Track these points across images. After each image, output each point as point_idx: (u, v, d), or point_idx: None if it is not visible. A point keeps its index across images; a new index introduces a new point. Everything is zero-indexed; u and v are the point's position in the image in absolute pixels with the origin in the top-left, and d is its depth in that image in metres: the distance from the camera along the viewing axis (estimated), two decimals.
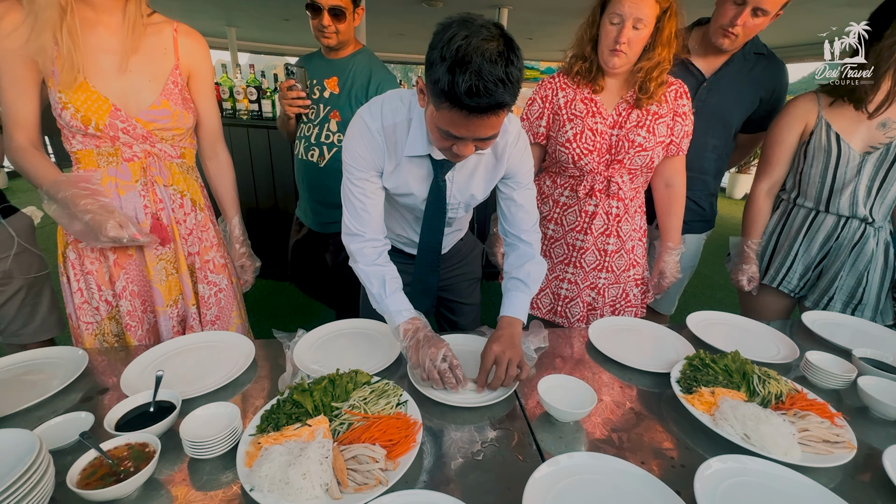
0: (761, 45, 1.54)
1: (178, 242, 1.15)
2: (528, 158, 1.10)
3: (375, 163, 1.00)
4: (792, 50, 7.26)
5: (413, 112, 0.98)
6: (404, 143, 0.98)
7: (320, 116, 1.65)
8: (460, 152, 0.87)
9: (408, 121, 0.98)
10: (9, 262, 1.25)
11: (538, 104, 1.39)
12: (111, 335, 1.16)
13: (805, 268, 1.46)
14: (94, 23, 0.99)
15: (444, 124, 0.82)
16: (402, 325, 0.97)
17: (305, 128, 1.69)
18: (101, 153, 1.05)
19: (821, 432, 0.80)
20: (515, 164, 1.07)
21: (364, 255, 1.04)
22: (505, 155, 1.05)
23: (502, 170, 1.07)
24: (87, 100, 0.99)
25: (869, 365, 1.02)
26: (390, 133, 0.98)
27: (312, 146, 1.68)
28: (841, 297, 1.42)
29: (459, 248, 1.36)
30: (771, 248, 1.52)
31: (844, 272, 1.39)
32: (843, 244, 1.39)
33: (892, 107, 1.27)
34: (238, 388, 0.94)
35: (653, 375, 1.02)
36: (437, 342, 0.93)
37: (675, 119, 1.31)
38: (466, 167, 1.05)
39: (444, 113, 0.80)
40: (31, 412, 0.83)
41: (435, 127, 0.85)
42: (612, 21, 1.18)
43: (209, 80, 1.19)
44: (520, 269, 1.11)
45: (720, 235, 5.67)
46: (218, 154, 1.28)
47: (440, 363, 0.90)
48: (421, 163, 1.01)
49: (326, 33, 1.53)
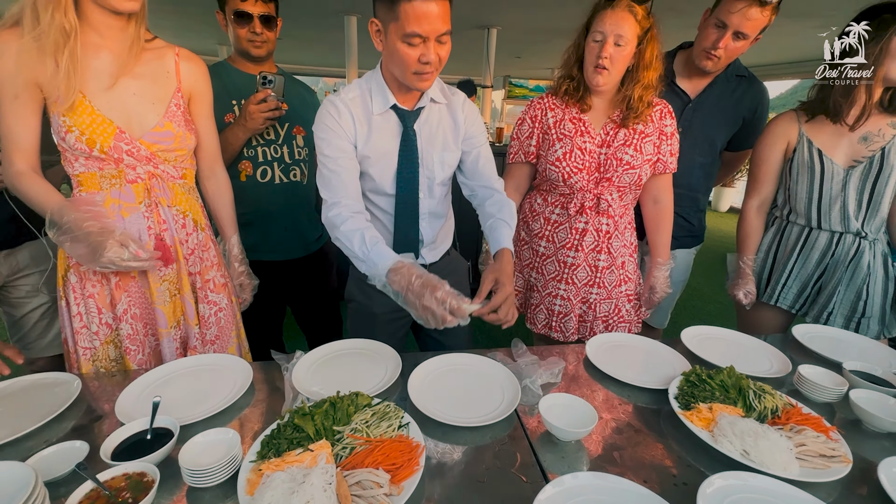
0: (742, 68, 1.60)
1: (182, 262, 1.15)
2: (480, 119, 1.25)
3: (348, 132, 1.10)
4: (772, 68, 7.67)
5: (371, 81, 1.12)
6: (371, 106, 1.11)
7: (282, 135, 1.57)
8: (428, 57, 0.98)
9: (368, 89, 1.11)
10: (43, 277, 1.31)
11: (528, 124, 1.43)
12: (108, 360, 1.14)
13: (802, 284, 1.47)
14: (99, 47, 1.01)
15: (406, 26, 0.94)
16: (390, 275, 0.95)
17: (270, 149, 1.55)
18: (105, 175, 1.05)
19: (817, 447, 0.81)
20: (471, 121, 1.22)
21: (341, 217, 1.05)
22: (459, 110, 1.20)
23: (461, 126, 1.20)
24: (92, 123, 1.00)
25: (859, 378, 1.04)
26: (356, 104, 1.10)
27: (291, 166, 1.60)
28: (842, 312, 1.42)
29: (445, 265, 1.35)
30: (769, 265, 1.54)
31: (842, 287, 1.41)
32: (840, 260, 1.40)
33: (872, 120, 1.31)
34: (236, 412, 0.92)
35: (650, 392, 1.03)
36: (434, 284, 0.92)
37: (661, 138, 1.36)
38: (430, 120, 1.17)
39: (398, 14, 0.93)
40: (21, 442, 0.81)
41: (398, 45, 0.97)
42: (595, 39, 1.24)
43: (208, 102, 1.21)
44: (501, 210, 1.20)
45: (710, 249, 5.76)
46: (216, 174, 1.29)
47: (451, 302, 0.90)
48: (389, 117, 1.13)
49: (257, 42, 1.48)
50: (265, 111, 1.41)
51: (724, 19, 1.38)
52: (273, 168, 1.58)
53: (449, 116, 1.20)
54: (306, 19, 5.78)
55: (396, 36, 0.97)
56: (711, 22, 1.43)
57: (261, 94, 1.40)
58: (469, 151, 1.24)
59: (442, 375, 1.05)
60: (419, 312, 0.93)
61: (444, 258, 1.34)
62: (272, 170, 1.58)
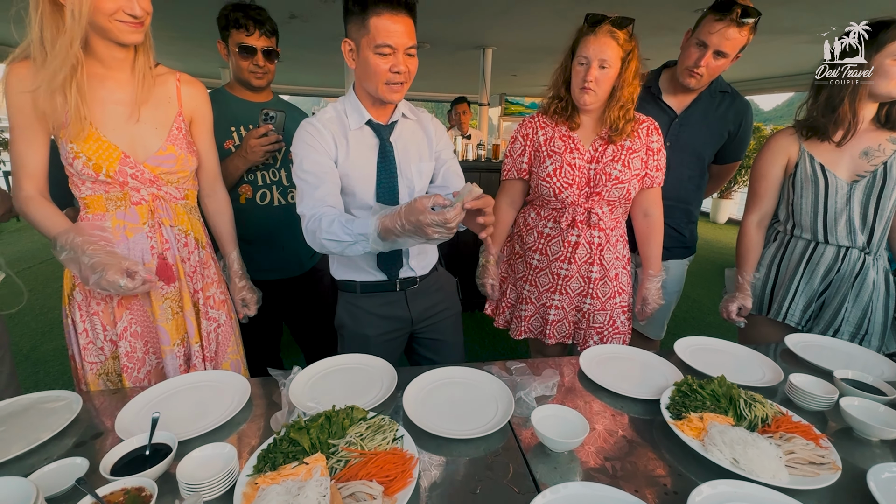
0: (725, 85, 1.66)
1: (184, 280, 1.18)
2: (447, 135, 1.33)
3: (328, 150, 1.15)
4: (765, 82, 7.88)
5: (345, 102, 1.19)
6: (347, 122, 1.17)
7: (279, 159, 1.62)
8: (398, 66, 1.06)
9: (343, 109, 1.18)
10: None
11: (520, 142, 1.48)
12: (115, 374, 1.17)
13: (808, 300, 1.46)
14: (104, 77, 1.06)
15: (376, 38, 1.03)
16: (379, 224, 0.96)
17: (269, 173, 1.62)
18: (110, 198, 1.09)
19: (806, 454, 0.82)
20: (439, 136, 1.29)
21: (322, 219, 1.05)
22: (429, 124, 1.28)
23: (433, 138, 1.28)
24: (99, 149, 1.04)
25: (850, 386, 1.05)
26: (333, 123, 1.17)
27: (289, 189, 1.66)
28: (848, 329, 1.41)
29: (434, 280, 1.37)
30: (772, 280, 1.52)
31: (849, 303, 1.39)
32: (845, 276, 1.39)
33: (871, 135, 1.32)
34: (234, 427, 0.94)
35: (643, 402, 1.04)
36: (416, 204, 0.90)
37: (648, 153, 1.40)
38: (404, 134, 1.23)
39: (369, 28, 1.03)
40: (23, 459, 0.82)
41: (370, 57, 1.05)
42: (581, 62, 1.30)
43: (209, 124, 1.26)
44: None
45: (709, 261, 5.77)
46: (217, 192, 1.33)
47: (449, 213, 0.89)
48: (365, 132, 1.19)
49: (259, 74, 1.56)
50: (265, 145, 1.49)
51: (705, 39, 1.44)
52: (272, 191, 1.64)
53: (421, 130, 1.27)
54: (306, 43, 5.94)
55: (368, 49, 1.05)
56: (693, 42, 1.49)
57: (262, 129, 1.48)
58: (439, 166, 1.30)
59: (437, 389, 1.07)
60: (425, 231, 0.90)
61: (432, 273, 1.36)
62: (271, 193, 1.64)
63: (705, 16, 1.45)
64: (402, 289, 1.30)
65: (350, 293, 1.31)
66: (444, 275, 1.44)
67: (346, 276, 1.30)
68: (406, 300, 1.31)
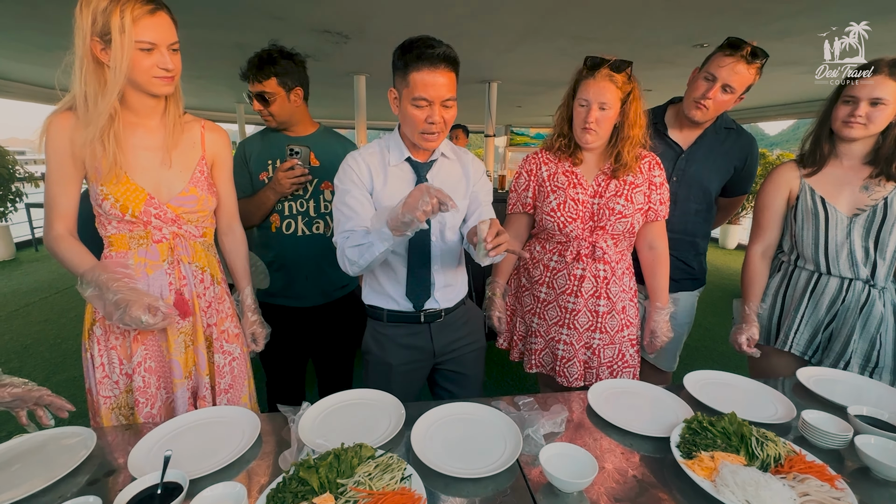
0: (731, 122, 1.70)
1: (198, 315, 1.22)
2: (486, 179, 1.37)
3: (365, 182, 1.23)
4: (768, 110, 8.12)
5: (389, 140, 1.27)
6: (388, 158, 1.25)
7: (309, 190, 1.69)
8: (433, 118, 1.12)
9: (386, 146, 1.26)
10: None
11: (524, 177, 1.52)
12: (128, 408, 1.19)
13: (814, 330, 1.46)
14: (136, 125, 1.14)
15: (414, 92, 1.10)
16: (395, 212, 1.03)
17: (297, 203, 1.69)
18: (133, 237, 1.15)
19: (821, 496, 0.80)
20: (477, 177, 1.34)
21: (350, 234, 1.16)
22: (469, 165, 1.33)
23: (471, 178, 1.32)
24: (126, 191, 1.11)
25: (865, 423, 1.03)
26: (374, 157, 1.25)
27: (315, 220, 1.72)
28: (857, 361, 1.40)
29: (462, 314, 1.39)
30: (777, 310, 1.53)
31: (856, 335, 1.39)
32: (850, 307, 1.39)
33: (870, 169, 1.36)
34: (244, 464, 0.94)
35: (653, 440, 1.03)
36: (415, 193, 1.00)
37: (651, 188, 1.43)
38: (441, 172, 1.29)
39: (409, 82, 1.10)
40: (38, 498, 0.84)
41: (408, 108, 1.13)
42: (581, 104, 1.35)
43: (229, 167, 1.34)
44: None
45: (720, 288, 5.70)
46: (234, 230, 1.39)
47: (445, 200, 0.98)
48: (404, 168, 1.26)
49: (263, 116, 1.66)
50: (291, 178, 1.60)
51: (714, 72, 1.50)
52: (297, 221, 1.72)
53: (460, 169, 1.32)
54: (320, 78, 6.21)
55: (407, 101, 1.13)
56: (701, 75, 1.55)
57: (288, 164, 1.59)
58: (474, 207, 1.32)
59: (445, 425, 1.06)
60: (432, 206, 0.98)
61: (459, 307, 1.38)
62: (296, 223, 1.72)
63: (715, 53, 1.52)
64: (426, 321, 1.32)
65: (377, 321, 1.34)
66: (473, 309, 1.46)
67: (374, 301, 1.34)
68: (430, 332, 1.33)
